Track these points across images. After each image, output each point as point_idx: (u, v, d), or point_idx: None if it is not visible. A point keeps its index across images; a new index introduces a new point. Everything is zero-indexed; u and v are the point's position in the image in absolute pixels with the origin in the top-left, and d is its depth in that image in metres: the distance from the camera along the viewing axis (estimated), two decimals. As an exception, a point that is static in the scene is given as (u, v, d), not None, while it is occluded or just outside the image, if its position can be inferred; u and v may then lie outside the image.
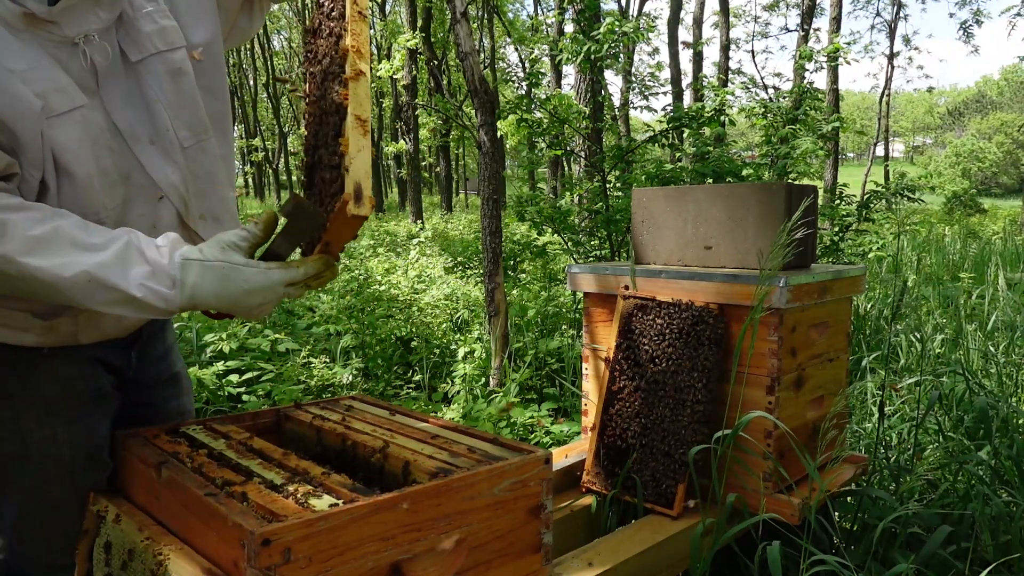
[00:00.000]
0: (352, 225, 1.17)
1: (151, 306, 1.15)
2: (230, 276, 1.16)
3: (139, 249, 1.15)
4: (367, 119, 1.17)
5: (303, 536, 0.97)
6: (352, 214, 1.12)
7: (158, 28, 1.30)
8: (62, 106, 1.16)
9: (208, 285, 1.15)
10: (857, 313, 5.35)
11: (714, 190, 2.32)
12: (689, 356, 2.08)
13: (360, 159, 1.14)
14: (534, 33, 20.55)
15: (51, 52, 1.17)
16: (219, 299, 1.16)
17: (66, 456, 1.33)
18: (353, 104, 1.16)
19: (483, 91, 4.22)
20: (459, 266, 8.17)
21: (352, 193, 1.12)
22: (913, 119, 75.45)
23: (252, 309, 1.19)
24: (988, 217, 22.95)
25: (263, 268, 1.18)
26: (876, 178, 17.08)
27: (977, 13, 21.72)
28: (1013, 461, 2.56)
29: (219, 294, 1.16)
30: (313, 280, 1.21)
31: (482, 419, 3.75)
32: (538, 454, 1.27)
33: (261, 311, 1.20)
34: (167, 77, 1.30)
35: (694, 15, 18.95)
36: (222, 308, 1.18)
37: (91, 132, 1.19)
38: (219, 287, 1.16)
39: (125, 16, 1.27)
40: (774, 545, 1.79)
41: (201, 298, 1.16)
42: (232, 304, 1.17)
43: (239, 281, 1.16)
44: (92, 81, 1.21)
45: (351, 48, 1.18)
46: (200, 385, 3.94)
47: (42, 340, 1.28)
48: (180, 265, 1.15)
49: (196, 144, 1.35)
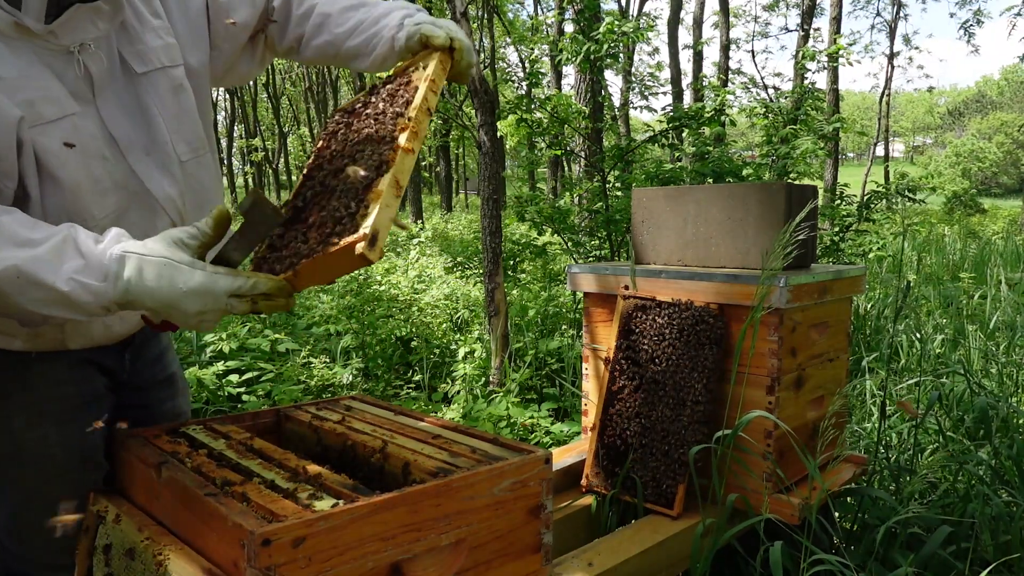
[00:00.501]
0: (348, 264, 1.09)
1: (79, 302, 1.06)
2: (170, 275, 1.06)
3: (75, 243, 1.07)
4: (403, 187, 1.15)
5: (303, 536, 0.97)
6: (360, 253, 1.04)
7: (163, 44, 1.31)
8: (51, 114, 1.15)
9: (144, 283, 1.06)
10: (857, 313, 5.35)
11: (714, 190, 2.32)
12: (689, 356, 2.08)
13: (386, 213, 1.09)
14: (534, 33, 20.55)
15: (45, 60, 1.16)
16: (154, 299, 1.06)
17: (59, 457, 1.33)
18: (397, 168, 1.13)
19: (483, 91, 4.22)
20: (459, 266, 8.17)
21: (369, 235, 1.05)
22: (913, 119, 75.45)
23: (190, 317, 1.08)
24: (988, 217, 22.95)
25: (208, 271, 1.07)
26: (876, 178, 17.07)
27: (977, 13, 21.71)
28: (1013, 461, 2.56)
29: (155, 293, 1.06)
30: (263, 300, 1.10)
31: (482, 419, 3.75)
32: (538, 454, 1.27)
33: (201, 321, 1.09)
34: (169, 92, 1.31)
35: (694, 15, 18.95)
36: (158, 310, 1.08)
37: (82, 140, 1.18)
38: (156, 285, 1.06)
39: (131, 27, 1.27)
40: (776, 545, 1.79)
41: (136, 296, 1.06)
42: (168, 307, 1.07)
43: (178, 281, 1.06)
44: (88, 89, 1.21)
45: (411, 128, 1.18)
46: (200, 385, 3.94)
47: (30, 346, 1.28)
48: (118, 258, 1.06)
49: (194, 159, 1.35)
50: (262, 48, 1.55)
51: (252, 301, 1.09)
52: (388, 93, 1.32)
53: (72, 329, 1.28)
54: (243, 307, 1.09)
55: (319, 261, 1.09)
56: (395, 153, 1.15)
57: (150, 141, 1.28)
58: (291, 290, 1.12)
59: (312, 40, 1.50)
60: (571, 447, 2.44)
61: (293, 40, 1.52)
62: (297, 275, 1.11)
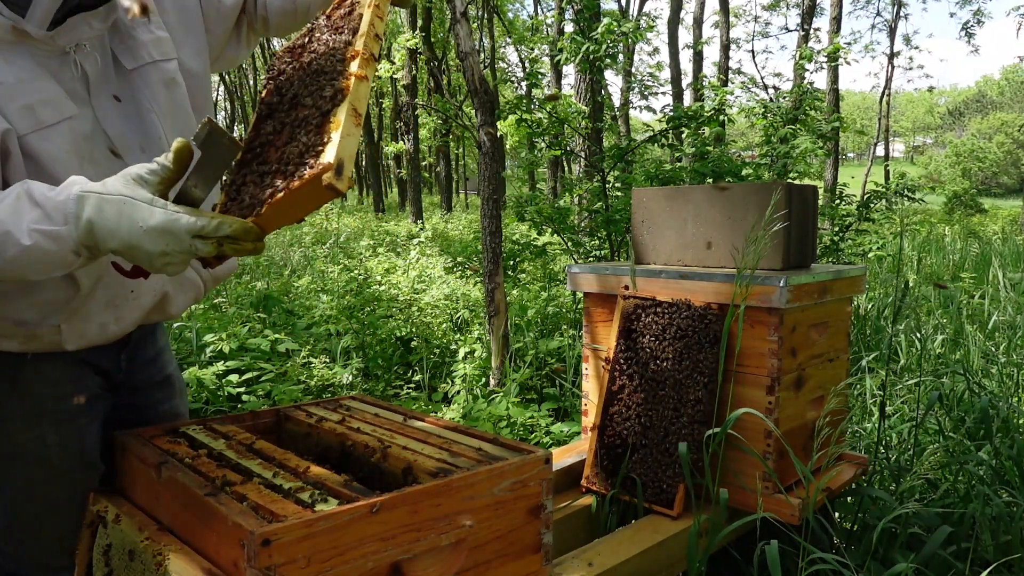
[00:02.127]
0: (316, 198, 1.05)
1: (48, 252, 1.04)
2: (129, 213, 1.02)
3: (30, 195, 1.05)
4: (362, 115, 1.13)
5: (303, 536, 0.97)
6: (328, 183, 1.01)
7: (154, 38, 1.31)
8: (51, 118, 1.15)
9: (105, 221, 1.02)
10: (857, 313, 5.35)
11: (714, 190, 2.32)
12: (689, 356, 2.08)
13: (349, 142, 1.06)
14: (534, 33, 20.55)
15: (41, 62, 1.16)
16: (116, 239, 1.03)
17: (55, 458, 1.33)
18: (353, 96, 1.11)
19: (483, 91, 4.22)
20: (459, 266, 8.18)
21: (334, 164, 1.02)
22: (913, 119, 75.45)
23: (155, 258, 1.04)
24: (988, 217, 22.94)
25: (169, 209, 1.03)
26: (876, 178, 17.08)
27: (978, 13, 21.71)
28: (1013, 461, 2.56)
29: (115, 232, 1.02)
30: (229, 244, 1.05)
31: (482, 419, 3.75)
32: (538, 454, 1.27)
33: (165, 263, 1.05)
34: (161, 87, 1.31)
35: (694, 15, 18.96)
36: (121, 251, 1.05)
37: (77, 142, 1.18)
38: (115, 224, 1.02)
39: (120, 24, 1.27)
40: (772, 544, 1.79)
41: (99, 236, 1.03)
42: (131, 247, 1.03)
43: (137, 219, 1.02)
44: (83, 89, 1.21)
45: (361, 55, 1.16)
46: (200, 385, 3.93)
47: (26, 347, 1.27)
48: (76, 198, 1.03)
49: None
50: (246, 29, 1.55)
51: (218, 243, 1.05)
52: (332, 26, 1.29)
53: (69, 330, 1.27)
54: (208, 249, 1.05)
55: (286, 199, 1.05)
56: (349, 81, 1.12)
57: (145, 138, 1.28)
58: (259, 233, 1.07)
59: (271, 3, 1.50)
60: (571, 447, 2.44)
61: (262, 9, 1.52)
62: (264, 216, 1.07)
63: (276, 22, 1.53)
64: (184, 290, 1.42)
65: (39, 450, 1.32)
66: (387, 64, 9.52)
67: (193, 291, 1.44)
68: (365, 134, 24.61)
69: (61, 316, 1.24)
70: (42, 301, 1.23)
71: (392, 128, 28.73)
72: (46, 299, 1.23)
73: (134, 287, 1.31)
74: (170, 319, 1.46)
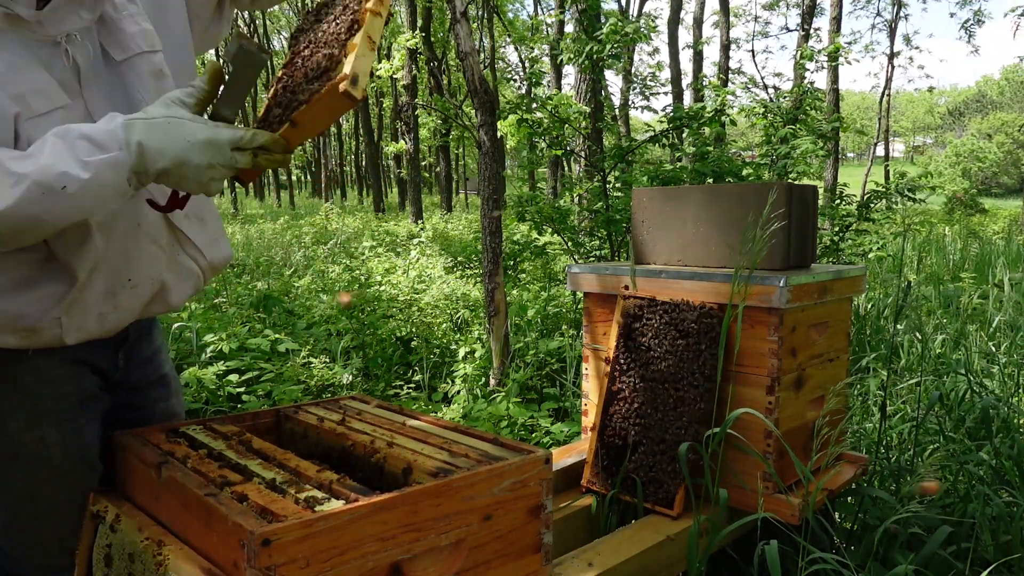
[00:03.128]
0: (336, 107, 1.14)
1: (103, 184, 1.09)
2: (176, 130, 1.11)
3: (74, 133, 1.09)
4: (376, 43, 1.20)
5: (303, 536, 0.97)
6: (344, 90, 1.10)
7: (140, 30, 1.31)
8: (42, 107, 1.16)
9: (153, 142, 1.10)
10: (857, 313, 5.35)
11: (714, 190, 2.31)
12: (689, 356, 2.08)
13: (363, 61, 1.14)
14: (534, 33, 20.55)
15: (33, 52, 1.17)
16: (166, 157, 1.10)
17: (56, 458, 1.33)
18: (367, 27, 1.18)
19: (483, 91, 4.22)
20: (459, 266, 8.17)
21: (350, 75, 1.10)
22: (913, 119, 75.45)
23: (202, 171, 1.12)
24: (988, 217, 22.94)
25: (211, 124, 1.14)
26: (876, 178, 17.07)
27: (978, 13, 21.70)
28: (1014, 461, 2.56)
29: (165, 151, 1.10)
30: (263, 155, 1.16)
31: (482, 419, 3.75)
32: (538, 454, 1.27)
33: (211, 176, 1.13)
34: (150, 77, 1.31)
35: (694, 15, 18.96)
36: (170, 170, 1.12)
37: None
38: (164, 143, 1.10)
39: (107, 17, 1.28)
40: (772, 544, 1.79)
41: (149, 157, 1.10)
42: (181, 163, 1.11)
43: (184, 134, 1.11)
44: (75, 81, 1.21)
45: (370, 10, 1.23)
46: (200, 385, 3.93)
47: (27, 342, 1.26)
48: (124, 125, 1.10)
49: None
50: (227, 6, 1.55)
51: (253, 154, 1.15)
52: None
53: (69, 322, 1.27)
54: (245, 160, 1.14)
55: (308, 111, 1.15)
56: (364, 14, 1.21)
57: None
58: (286, 145, 1.17)
59: None
60: (571, 447, 2.44)
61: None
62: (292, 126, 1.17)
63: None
64: (183, 279, 1.41)
65: (40, 449, 1.32)
66: (387, 64, 9.51)
67: (192, 280, 1.44)
68: (365, 134, 24.61)
69: (61, 308, 1.25)
70: (41, 295, 1.23)
71: (392, 128, 28.74)
72: (44, 292, 1.23)
73: (132, 276, 1.31)
74: (171, 311, 1.46)
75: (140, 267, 1.31)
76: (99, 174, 1.08)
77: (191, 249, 1.42)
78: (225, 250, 1.50)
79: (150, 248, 1.32)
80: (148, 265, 1.33)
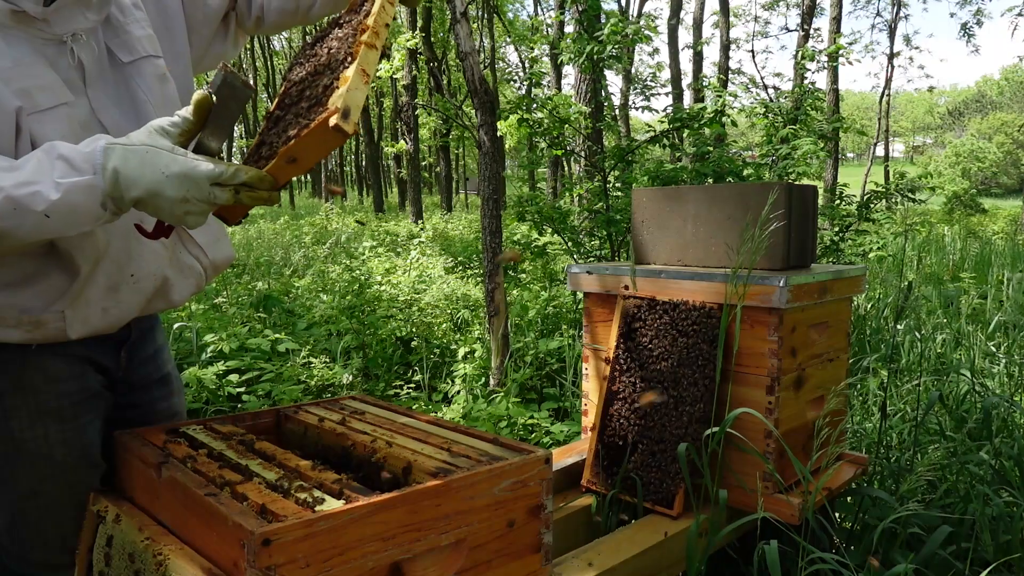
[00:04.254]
0: (327, 142, 1.10)
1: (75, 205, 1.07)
2: (152, 160, 1.08)
3: (56, 151, 1.08)
4: (370, 76, 1.18)
5: (303, 536, 0.97)
6: (335, 124, 1.06)
7: (147, 35, 1.34)
8: (47, 102, 1.17)
9: (128, 170, 1.07)
10: (857, 313, 5.35)
11: (714, 190, 2.31)
12: (689, 356, 2.08)
13: (356, 95, 1.12)
14: (534, 33, 20.55)
15: (39, 49, 1.18)
16: (139, 186, 1.07)
17: (58, 456, 1.33)
18: (361, 60, 1.17)
19: (483, 91, 4.22)
20: (459, 266, 8.18)
21: (342, 108, 1.07)
22: (913, 119, 75.47)
23: (176, 204, 1.08)
24: (988, 217, 22.94)
25: (189, 156, 1.10)
26: (876, 178, 17.08)
27: (978, 13, 21.71)
28: (1014, 461, 2.56)
29: (137, 180, 1.07)
30: (245, 192, 1.11)
31: (482, 419, 3.75)
32: (538, 454, 1.27)
33: (186, 211, 1.09)
34: (155, 80, 1.33)
35: (694, 15, 18.96)
36: (144, 200, 1.09)
37: (74, 129, 1.19)
38: (139, 172, 1.07)
39: (114, 19, 1.29)
40: (772, 544, 1.79)
41: (123, 184, 1.07)
42: (154, 194, 1.08)
43: (160, 166, 1.07)
44: (79, 80, 1.23)
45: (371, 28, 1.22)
46: (200, 385, 3.93)
47: (31, 336, 1.26)
48: (103, 150, 1.08)
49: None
50: (233, 27, 1.56)
51: (235, 191, 1.10)
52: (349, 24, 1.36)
53: (72, 316, 1.27)
54: (225, 196, 1.10)
55: (298, 145, 1.11)
56: (359, 47, 1.19)
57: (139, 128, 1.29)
58: (273, 181, 1.12)
59: (272, 2, 1.52)
60: (571, 447, 2.44)
61: (257, 9, 1.54)
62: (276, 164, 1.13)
63: (274, 20, 1.55)
64: (184, 276, 1.42)
65: (42, 447, 1.32)
66: (387, 64, 9.52)
67: (194, 278, 1.44)
68: (365, 134, 24.61)
69: (65, 301, 1.25)
70: (44, 288, 1.24)
71: (392, 128, 28.75)
72: (48, 286, 1.24)
73: (134, 271, 1.32)
74: (173, 307, 1.47)
75: (142, 262, 1.33)
76: (69, 196, 1.06)
77: (193, 247, 1.43)
78: (227, 250, 1.52)
79: (152, 244, 1.33)
80: (150, 261, 1.34)
